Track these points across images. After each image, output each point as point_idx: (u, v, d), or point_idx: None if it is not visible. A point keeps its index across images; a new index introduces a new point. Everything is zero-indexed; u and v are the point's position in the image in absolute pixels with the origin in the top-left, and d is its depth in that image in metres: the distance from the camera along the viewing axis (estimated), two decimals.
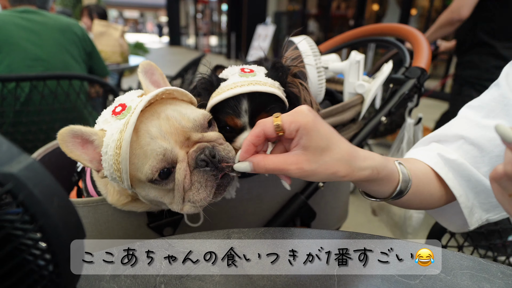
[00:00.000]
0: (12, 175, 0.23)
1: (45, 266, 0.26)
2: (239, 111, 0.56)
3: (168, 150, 0.47)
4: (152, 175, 0.47)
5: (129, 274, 0.40)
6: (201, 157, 0.48)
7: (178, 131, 0.49)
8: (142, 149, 0.47)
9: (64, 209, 0.26)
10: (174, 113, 0.50)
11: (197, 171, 0.48)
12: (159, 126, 0.48)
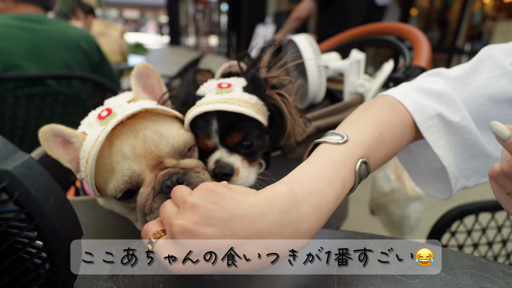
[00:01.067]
0: (8, 172, 0.22)
1: (41, 264, 0.26)
2: (209, 132, 0.54)
3: (135, 173, 0.46)
4: (115, 194, 0.47)
5: (127, 273, 0.40)
6: (167, 183, 0.46)
7: (152, 155, 0.47)
8: (112, 166, 0.47)
9: (61, 207, 0.25)
10: (153, 135, 0.48)
11: (160, 197, 0.47)
12: (133, 147, 0.47)
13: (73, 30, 1.43)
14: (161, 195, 0.47)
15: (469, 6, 5.76)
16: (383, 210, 0.95)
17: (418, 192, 0.90)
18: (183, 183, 0.47)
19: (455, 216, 0.87)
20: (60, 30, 1.37)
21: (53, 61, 1.33)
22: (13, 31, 1.26)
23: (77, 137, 0.50)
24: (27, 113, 1.32)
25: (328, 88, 1.00)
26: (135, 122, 0.49)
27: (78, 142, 0.50)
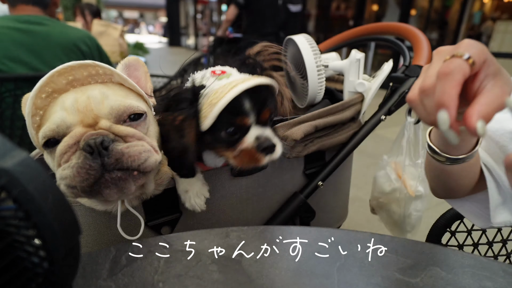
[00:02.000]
0: (5, 170, 0.22)
1: (39, 263, 0.26)
2: (246, 110, 0.54)
3: (64, 124, 0.45)
4: (40, 141, 0.46)
5: (126, 272, 0.40)
6: (90, 142, 0.43)
7: (89, 113, 0.46)
8: (48, 115, 0.47)
9: (59, 206, 0.25)
10: (98, 95, 0.48)
11: (80, 154, 0.44)
12: (75, 101, 0.47)
13: (72, 31, 1.42)
14: (81, 151, 0.44)
15: (468, 6, 5.77)
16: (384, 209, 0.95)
17: (419, 191, 0.90)
18: (107, 148, 0.44)
19: (455, 216, 0.87)
20: (58, 31, 1.36)
21: (50, 63, 1.32)
22: (11, 33, 1.25)
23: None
24: None
25: (328, 88, 1.00)
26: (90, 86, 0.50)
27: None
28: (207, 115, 0.52)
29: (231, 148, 0.56)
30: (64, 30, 1.38)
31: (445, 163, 0.52)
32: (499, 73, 0.37)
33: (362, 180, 2.47)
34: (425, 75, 0.38)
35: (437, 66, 0.37)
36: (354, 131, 0.85)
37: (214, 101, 0.52)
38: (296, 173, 0.82)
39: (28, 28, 1.28)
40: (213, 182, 0.70)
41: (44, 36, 1.31)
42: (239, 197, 0.75)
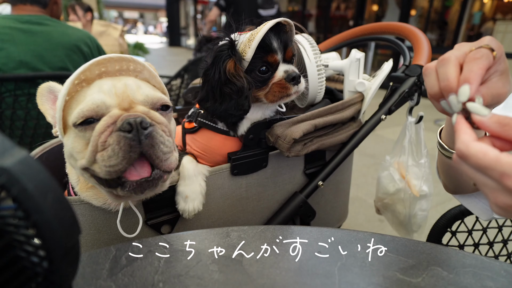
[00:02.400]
0: (5, 169, 0.22)
1: (39, 263, 0.26)
2: (275, 48, 0.66)
3: (104, 104, 0.47)
4: (76, 119, 0.46)
5: (127, 272, 0.40)
6: (129, 120, 0.44)
7: (126, 98, 0.49)
8: (84, 97, 0.49)
9: (59, 204, 0.25)
10: (133, 84, 0.51)
11: (116, 135, 0.44)
12: (112, 86, 0.49)
13: (73, 31, 1.41)
14: (119, 132, 0.44)
15: (468, 6, 5.77)
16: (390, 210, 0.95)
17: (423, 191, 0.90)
18: (146, 128, 0.45)
19: (455, 216, 0.87)
20: (59, 32, 1.35)
21: (51, 64, 1.32)
22: (12, 33, 1.25)
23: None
24: (26, 113, 1.31)
25: (328, 87, 1.00)
26: (122, 77, 0.53)
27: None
28: (246, 53, 0.65)
29: (263, 87, 0.69)
30: (65, 30, 1.38)
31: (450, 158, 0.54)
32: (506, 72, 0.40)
33: (362, 180, 2.47)
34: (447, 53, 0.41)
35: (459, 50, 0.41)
36: (354, 130, 0.85)
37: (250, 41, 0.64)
38: (296, 172, 0.82)
39: (29, 28, 1.28)
40: (213, 181, 0.70)
41: (45, 36, 1.31)
42: (239, 196, 0.74)
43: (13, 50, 1.24)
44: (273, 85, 0.69)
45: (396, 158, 0.96)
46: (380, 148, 3.11)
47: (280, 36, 0.68)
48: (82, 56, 1.41)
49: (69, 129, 0.50)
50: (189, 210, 0.63)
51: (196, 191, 0.64)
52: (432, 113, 4.61)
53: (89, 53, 1.44)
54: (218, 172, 0.70)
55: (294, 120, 0.72)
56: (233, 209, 0.75)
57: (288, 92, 0.68)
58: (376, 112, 0.86)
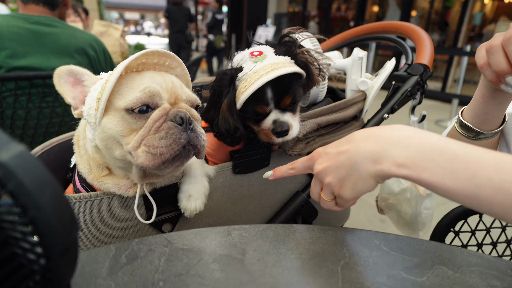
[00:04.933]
0: (1, 163, 0.21)
1: (36, 260, 0.25)
2: (267, 99, 0.64)
3: (159, 94, 0.52)
4: (133, 105, 0.51)
5: (127, 271, 0.39)
6: (181, 115, 0.52)
7: (173, 94, 0.55)
8: (137, 85, 0.52)
9: (57, 200, 0.24)
10: (177, 82, 0.57)
11: (170, 123, 0.52)
12: (163, 81, 0.54)
13: (81, 35, 1.41)
14: (171, 122, 0.52)
15: (469, 7, 5.76)
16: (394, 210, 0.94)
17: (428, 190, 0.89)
18: (191, 124, 0.53)
19: (458, 216, 0.86)
20: (68, 34, 1.35)
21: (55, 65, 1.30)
22: (22, 32, 1.25)
23: (90, 76, 0.57)
24: (27, 113, 1.31)
25: (330, 86, 0.99)
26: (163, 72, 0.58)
27: (89, 80, 0.57)
28: (238, 99, 0.64)
29: (257, 124, 0.68)
30: (73, 33, 1.37)
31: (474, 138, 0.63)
32: None
33: None
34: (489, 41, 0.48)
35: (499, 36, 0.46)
36: (357, 129, 0.84)
37: (243, 90, 0.63)
38: None
39: (37, 29, 1.28)
40: (215, 180, 0.69)
41: (53, 38, 1.31)
42: (240, 195, 0.74)
43: (19, 50, 1.24)
44: (261, 130, 0.68)
45: None
46: None
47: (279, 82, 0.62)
48: (87, 59, 1.41)
49: (112, 111, 0.53)
50: (191, 209, 0.62)
51: (200, 191, 0.63)
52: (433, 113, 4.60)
53: (95, 56, 1.44)
54: (220, 171, 0.69)
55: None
56: (234, 208, 0.74)
57: (272, 141, 0.68)
58: (379, 111, 0.86)
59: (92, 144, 0.58)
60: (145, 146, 0.51)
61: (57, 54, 1.32)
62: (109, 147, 0.55)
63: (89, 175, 0.61)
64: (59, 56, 1.33)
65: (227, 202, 0.73)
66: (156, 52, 0.55)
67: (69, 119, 1.40)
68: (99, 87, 0.53)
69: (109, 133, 0.53)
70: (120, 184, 0.59)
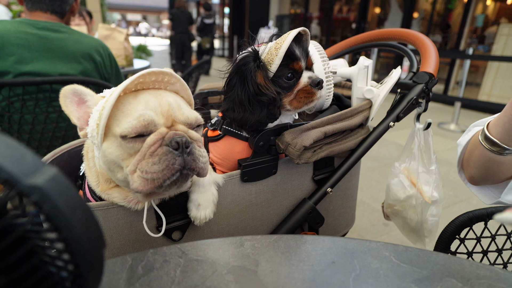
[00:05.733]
0: (37, 187, 0.22)
1: (68, 277, 0.26)
2: (299, 56, 0.70)
3: (153, 122, 0.52)
4: (128, 133, 0.50)
5: (144, 282, 0.40)
6: (177, 139, 0.51)
7: (170, 117, 0.54)
8: (132, 111, 0.52)
9: (86, 220, 0.25)
10: (174, 103, 0.56)
11: (165, 148, 0.51)
12: (158, 105, 0.53)
13: (87, 40, 1.42)
14: (167, 147, 0.51)
15: (471, 9, 5.76)
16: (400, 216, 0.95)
17: (434, 196, 0.90)
18: (188, 148, 0.52)
19: (464, 223, 0.87)
20: (74, 40, 1.37)
21: (62, 70, 1.33)
22: (28, 37, 1.26)
23: (92, 96, 0.57)
24: (34, 118, 1.33)
25: (336, 93, 1.00)
26: (160, 91, 0.57)
27: (91, 100, 0.56)
28: (272, 61, 0.68)
29: (288, 94, 0.72)
30: (79, 38, 1.39)
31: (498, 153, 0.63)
32: None
33: (366, 183, 2.47)
34: None
35: None
36: (363, 137, 0.85)
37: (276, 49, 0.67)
38: (305, 179, 0.82)
39: (45, 35, 1.30)
40: (224, 188, 0.70)
41: (60, 44, 1.32)
42: (248, 202, 0.75)
43: (27, 55, 1.25)
44: (298, 92, 0.72)
45: (405, 165, 0.96)
46: (384, 151, 3.11)
47: (301, 44, 0.72)
48: (93, 65, 1.42)
49: (111, 137, 0.53)
50: (201, 217, 0.63)
51: (209, 200, 0.64)
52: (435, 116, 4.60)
53: (101, 62, 1.45)
54: (228, 179, 0.70)
55: (304, 128, 0.72)
56: (242, 216, 0.75)
57: (313, 98, 0.72)
58: (384, 119, 0.87)
59: (99, 161, 0.59)
60: (139, 171, 0.51)
61: (64, 60, 1.34)
62: (112, 170, 0.56)
63: (97, 188, 0.62)
64: (66, 61, 1.34)
65: (235, 210, 0.74)
66: (153, 73, 0.54)
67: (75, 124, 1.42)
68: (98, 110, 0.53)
69: (110, 157, 0.54)
70: (128, 198, 0.60)
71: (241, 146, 0.76)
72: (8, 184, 0.22)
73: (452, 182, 2.45)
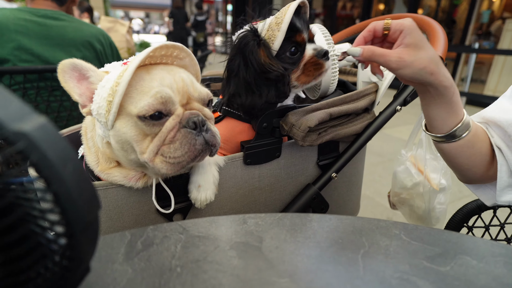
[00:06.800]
0: (24, 134, 0.21)
1: (55, 239, 0.24)
2: (301, 28, 0.67)
3: (171, 99, 0.50)
4: (146, 112, 0.49)
5: (143, 257, 0.38)
6: (194, 119, 0.51)
7: (185, 94, 0.53)
8: (147, 88, 0.50)
9: (79, 175, 0.23)
10: (188, 79, 0.54)
11: (184, 131, 0.51)
12: (173, 81, 0.52)
13: (87, 28, 1.40)
14: (185, 129, 0.51)
15: (477, 5, 5.69)
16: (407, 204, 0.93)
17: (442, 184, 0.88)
18: (204, 126, 0.52)
19: (472, 211, 0.84)
20: (73, 27, 1.35)
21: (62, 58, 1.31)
22: (28, 25, 1.25)
23: (95, 72, 0.53)
24: (35, 107, 1.31)
25: (340, 79, 0.98)
26: (172, 66, 0.55)
27: (95, 76, 0.53)
28: (274, 37, 0.65)
29: (294, 70, 0.69)
30: (79, 26, 1.37)
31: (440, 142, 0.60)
32: (411, 46, 0.53)
33: (370, 178, 2.44)
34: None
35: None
36: (369, 121, 0.83)
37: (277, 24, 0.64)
38: (310, 164, 0.80)
39: (44, 22, 1.28)
40: (226, 170, 0.68)
41: (59, 31, 1.31)
42: (251, 186, 0.73)
43: (26, 42, 1.24)
44: (305, 65, 0.69)
45: (412, 152, 0.94)
46: (387, 146, 3.07)
47: (301, 16, 0.69)
48: (94, 53, 1.40)
49: (124, 115, 0.51)
50: (201, 199, 0.62)
51: (209, 181, 0.62)
52: None
53: (102, 50, 1.43)
54: (231, 161, 0.68)
55: (309, 109, 0.70)
56: (245, 200, 0.73)
57: (322, 70, 0.69)
58: (391, 103, 0.84)
59: (103, 140, 0.57)
60: (162, 156, 0.51)
61: (63, 47, 1.32)
62: (125, 150, 0.54)
63: (96, 168, 0.60)
64: (65, 49, 1.33)
65: (238, 194, 0.72)
66: (165, 46, 0.53)
67: (76, 113, 1.41)
68: (107, 86, 0.50)
69: (124, 137, 0.52)
70: (129, 176, 0.59)
71: (241, 127, 0.73)
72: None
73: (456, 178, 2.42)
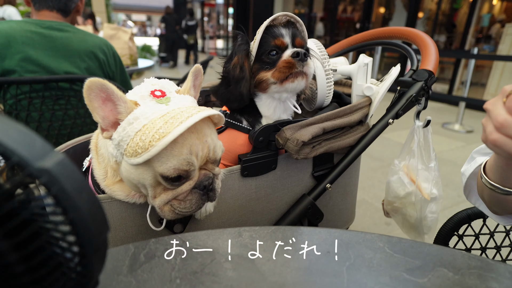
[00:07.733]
0: (46, 170, 0.24)
1: (72, 258, 0.28)
2: (283, 34, 0.76)
3: (193, 168, 0.56)
4: (170, 174, 0.53)
5: (146, 269, 0.42)
6: (205, 183, 0.58)
7: (205, 159, 0.58)
8: (177, 153, 0.53)
9: (92, 203, 0.27)
10: (211, 143, 0.58)
11: (195, 192, 0.58)
12: (200, 149, 0.56)
13: (91, 38, 1.45)
14: (197, 190, 0.58)
15: (477, 9, 5.72)
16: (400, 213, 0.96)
17: (433, 193, 0.91)
18: (212, 187, 0.59)
19: (462, 220, 0.88)
20: (79, 38, 1.40)
21: (67, 68, 1.36)
22: (33, 36, 1.30)
23: (125, 102, 0.53)
24: (40, 115, 1.36)
25: (336, 91, 1.02)
26: (201, 126, 0.57)
27: (124, 107, 0.53)
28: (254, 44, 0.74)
29: (271, 69, 0.75)
30: (83, 37, 1.42)
31: (506, 194, 0.57)
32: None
33: (369, 183, 2.47)
34: (493, 115, 0.47)
35: (499, 106, 0.47)
36: (362, 134, 0.87)
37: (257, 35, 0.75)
38: (305, 175, 0.84)
39: (49, 34, 1.33)
40: (224, 183, 0.72)
41: (64, 42, 1.35)
42: (248, 197, 0.76)
43: (32, 53, 1.28)
44: (279, 63, 0.75)
45: (405, 162, 0.97)
46: (387, 151, 3.11)
47: (289, 28, 0.77)
48: (97, 63, 1.45)
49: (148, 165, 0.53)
50: (201, 211, 0.65)
51: None
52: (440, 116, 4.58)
53: (105, 60, 1.48)
54: (229, 174, 0.72)
55: (303, 123, 0.74)
56: (242, 210, 0.77)
57: (294, 70, 0.73)
58: (384, 116, 0.88)
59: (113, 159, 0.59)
60: (172, 207, 0.57)
61: (68, 58, 1.36)
62: (134, 184, 0.57)
63: (103, 182, 0.64)
64: (70, 59, 1.37)
65: (236, 204, 0.75)
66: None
67: (80, 122, 1.45)
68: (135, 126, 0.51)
69: (138, 178, 0.55)
70: (131, 194, 0.62)
71: (242, 138, 0.78)
72: (19, 167, 0.24)
73: (455, 182, 2.44)
